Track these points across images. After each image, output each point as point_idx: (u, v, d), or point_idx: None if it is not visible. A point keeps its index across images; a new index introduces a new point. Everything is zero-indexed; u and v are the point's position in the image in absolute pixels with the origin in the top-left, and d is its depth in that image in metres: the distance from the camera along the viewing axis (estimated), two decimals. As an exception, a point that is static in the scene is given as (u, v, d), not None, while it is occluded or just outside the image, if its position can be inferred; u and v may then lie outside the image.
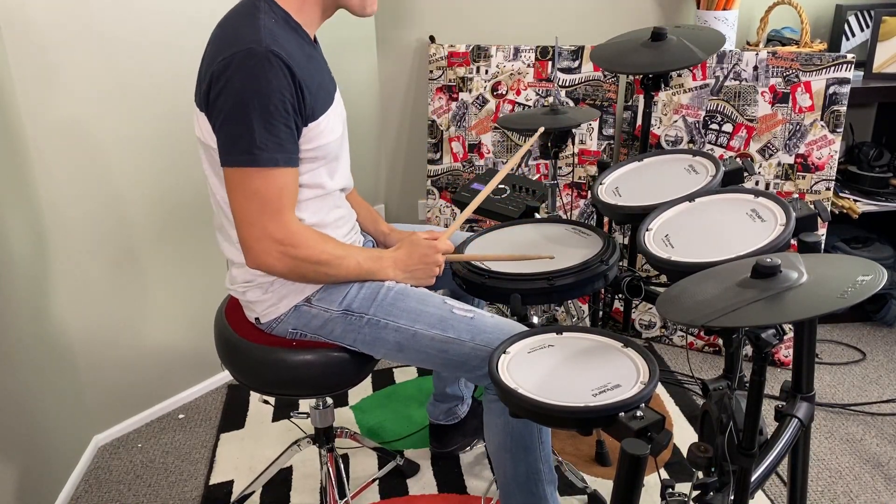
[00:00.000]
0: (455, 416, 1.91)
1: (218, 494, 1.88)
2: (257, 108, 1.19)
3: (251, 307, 1.42)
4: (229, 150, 1.23)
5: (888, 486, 1.82)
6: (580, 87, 2.47)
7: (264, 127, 1.19)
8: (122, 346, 2.05)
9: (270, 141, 1.21)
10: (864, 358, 2.37)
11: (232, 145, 1.22)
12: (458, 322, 1.37)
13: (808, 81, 2.16)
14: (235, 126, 1.20)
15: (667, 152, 1.64)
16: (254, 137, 1.19)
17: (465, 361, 1.36)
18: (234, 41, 1.21)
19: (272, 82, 1.19)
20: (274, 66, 1.19)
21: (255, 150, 1.20)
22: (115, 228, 1.95)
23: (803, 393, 1.34)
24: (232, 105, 1.20)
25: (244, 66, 1.18)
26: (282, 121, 1.21)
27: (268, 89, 1.19)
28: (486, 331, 1.36)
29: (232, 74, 1.19)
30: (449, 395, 1.88)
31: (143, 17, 1.88)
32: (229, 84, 1.19)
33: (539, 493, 1.43)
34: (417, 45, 2.65)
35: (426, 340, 1.36)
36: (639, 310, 2.49)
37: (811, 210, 1.26)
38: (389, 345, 1.38)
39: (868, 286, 0.90)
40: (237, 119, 1.20)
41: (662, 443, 1.02)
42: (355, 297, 1.38)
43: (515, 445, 1.38)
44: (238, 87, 1.19)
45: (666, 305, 1.05)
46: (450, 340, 1.36)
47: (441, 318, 1.37)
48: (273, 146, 1.21)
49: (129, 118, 1.91)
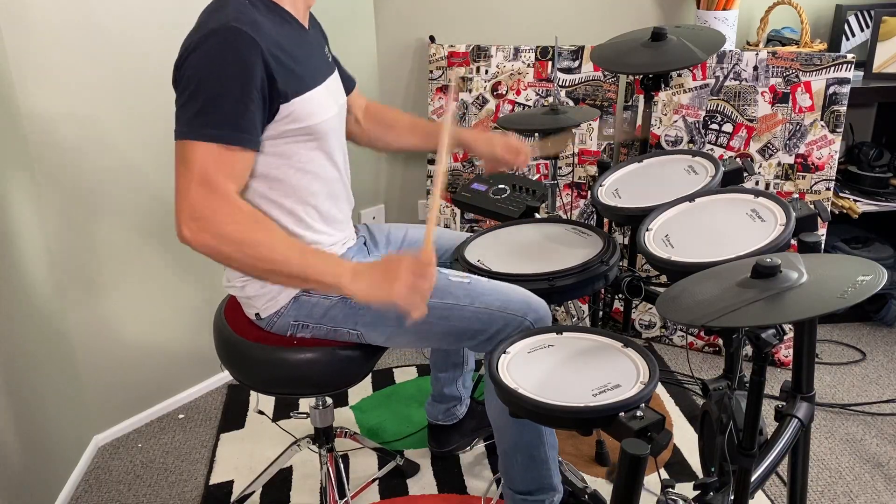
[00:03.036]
0: (454, 416, 1.91)
1: (218, 494, 1.88)
2: (206, 82, 1.17)
3: (250, 303, 1.41)
4: (177, 125, 1.20)
5: (888, 486, 1.82)
6: (580, 87, 2.47)
7: (211, 101, 1.17)
8: (122, 346, 2.05)
9: (215, 116, 1.17)
10: (864, 358, 2.37)
11: (178, 120, 1.20)
12: (455, 288, 1.38)
13: (808, 81, 2.16)
14: (186, 101, 1.19)
15: (667, 153, 1.64)
16: (199, 111, 1.17)
17: (467, 327, 1.37)
18: (199, 27, 1.23)
19: (227, 57, 1.17)
20: (231, 42, 1.17)
21: (194, 123, 1.18)
22: (115, 228, 1.95)
23: (803, 393, 1.34)
24: (185, 81, 1.19)
25: (203, 46, 1.18)
26: (233, 96, 1.18)
27: (221, 64, 1.17)
28: (484, 293, 1.38)
29: (190, 55, 1.19)
30: (447, 396, 1.88)
31: (144, 15, 1.88)
32: (187, 64, 1.19)
33: (541, 457, 1.44)
34: (417, 45, 2.65)
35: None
36: (639, 310, 2.49)
37: (811, 210, 1.27)
38: (391, 321, 1.37)
39: (868, 286, 0.90)
40: (189, 94, 1.18)
41: (662, 443, 1.02)
42: None
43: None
44: (195, 65, 1.18)
45: (666, 305, 1.05)
46: (449, 307, 1.36)
47: (438, 287, 1.35)
48: (216, 121, 1.17)
49: (129, 117, 1.91)
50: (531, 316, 1.37)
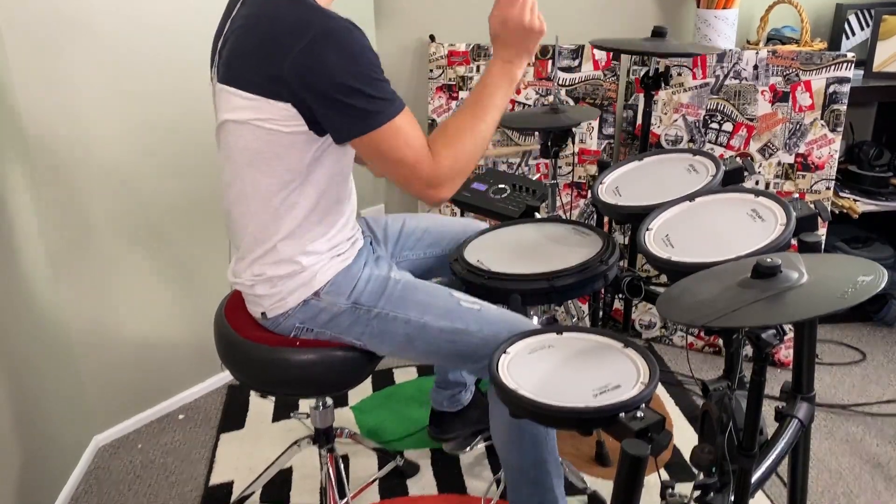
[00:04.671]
0: (458, 402, 1.90)
1: (218, 495, 1.88)
2: (358, 75, 1.19)
3: (258, 301, 1.41)
4: (353, 122, 1.22)
5: (888, 486, 1.82)
6: (580, 87, 2.46)
7: (371, 87, 1.20)
8: (122, 346, 2.05)
9: (383, 95, 1.22)
10: (864, 358, 2.37)
11: (353, 116, 1.21)
12: (465, 313, 1.38)
13: (808, 80, 2.16)
14: (347, 98, 1.19)
15: (667, 152, 1.64)
16: (371, 99, 1.20)
17: (474, 352, 1.37)
18: (302, 25, 1.19)
19: (355, 46, 1.19)
20: (354, 32, 1.19)
21: (378, 108, 1.21)
22: (115, 227, 1.95)
23: (803, 393, 1.34)
24: (331, 82, 1.19)
25: (330, 43, 1.18)
26: (380, 76, 1.22)
27: (361, 54, 1.19)
28: (493, 322, 1.38)
29: (320, 54, 1.17)
30: (451, 382, 1.87)
31: (144, 14, 1.88)
32: (321, 65, 1.18)
33: (547, 485, 1.43)
34: (417, 44, 2.65)
35: (435, 332, 1.37)
36: (639, 310, 2.49)
37: (811, 210, 1.26)
38: (398, 337, 1.38)
39: (868, 286, 0.90)
40: (345, 92, 1.19)
41: (662, 443, 1.02)
42: (363, 291, 1.38)
43: (522, 438, 1.39)
44: (335, 63, 1.18)
45: (666, 305, 1.05)
46: (458, 331, 1.37)
47: (449, 309, 1.38)
48: (387, 97, 1.22)
49: (129, 116, 1.91)
50: None
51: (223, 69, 1.29)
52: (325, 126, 1.24)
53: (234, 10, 1.31)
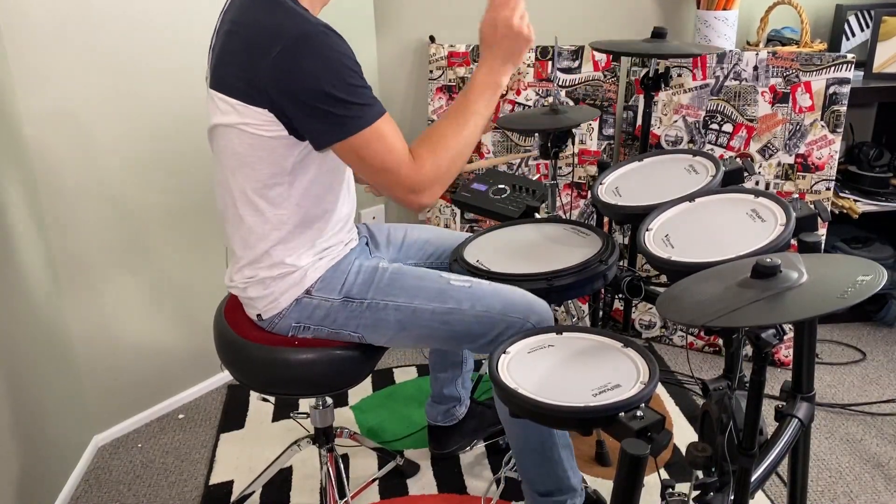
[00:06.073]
0: (453, 417, 1.91)
1: (218, 494, 1.88)
2: (334, 81, 1.18)
3: (252, 304, 1.41)
4: (331, 128, 1.21)
5: (888, 486, 1.82)
6: (580, 87, 2.46)
7: (347, 92, 1.19)
8: (122, 346, 2.05)
9: (361, 100, 1.21)
10: (864, 358, 2.37)
11: (330, 122, 1.21)
12: (456, 292, 1.38)
13: (808, 81, 2.16)
14: (323, 105, 1.19)
15: (667, 152, 1.64)
16: (348, 105, 1.19)
17: (469, 331, 1.37)
18: (279, 31, 1.19)
19: (331, 52, 1.19)
20: (331, 37, 1.19)
21: (356, 114, 1.20)
22: (115, 228, 1.95)
23: (803, 393, 1.34)
24: (307, 88, 1.18)
25: (305, 49, 1.18)
26: (357, 82, 1.21)
27: (337, 60, 1.19)
28: (485, 297, 1.38)
29: (295, 60, 1.17)
30: (446, 397, 1.88)
31: (143, 13, 1.88)
32: (296, 71, 1.18)
33: (555, 458, 1.44)
34: (417, 45, 2.65)
35: (427, 315, 1.37)
36: (639, 310, 2.49)
37: (811, 210, 1.26)
38: (391, 325, 1.38)
39: (868, 286, 0.90)
40: (321, 99, 1.19)
41: (662, 443, 1.02)
42: (353, 284, 1.39)
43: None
44: (310, 69, 1.17)
45: (666, 305, 1.05)
46: (450, 311, 1.37)
47: (439, 290, 1.38)
48: (366, 102, 1.22)
49: (129, 116, 1.91)
50: (533, 318, 1.37)
51: (212, 74, 1.31)
52: (303, 132, 1.24)
53: (223, 15, 1.32)
